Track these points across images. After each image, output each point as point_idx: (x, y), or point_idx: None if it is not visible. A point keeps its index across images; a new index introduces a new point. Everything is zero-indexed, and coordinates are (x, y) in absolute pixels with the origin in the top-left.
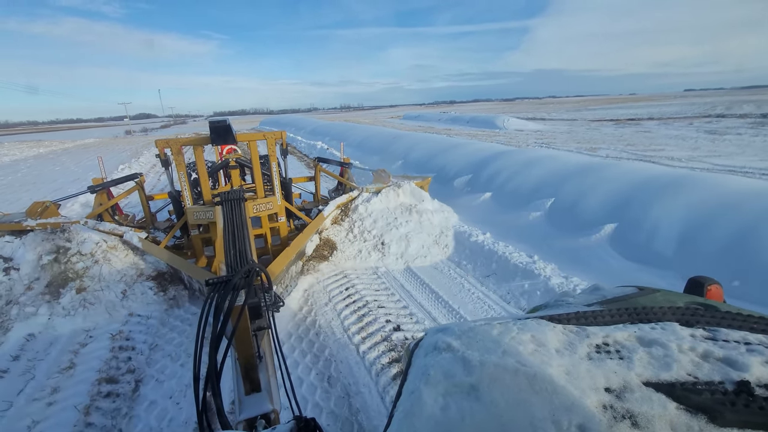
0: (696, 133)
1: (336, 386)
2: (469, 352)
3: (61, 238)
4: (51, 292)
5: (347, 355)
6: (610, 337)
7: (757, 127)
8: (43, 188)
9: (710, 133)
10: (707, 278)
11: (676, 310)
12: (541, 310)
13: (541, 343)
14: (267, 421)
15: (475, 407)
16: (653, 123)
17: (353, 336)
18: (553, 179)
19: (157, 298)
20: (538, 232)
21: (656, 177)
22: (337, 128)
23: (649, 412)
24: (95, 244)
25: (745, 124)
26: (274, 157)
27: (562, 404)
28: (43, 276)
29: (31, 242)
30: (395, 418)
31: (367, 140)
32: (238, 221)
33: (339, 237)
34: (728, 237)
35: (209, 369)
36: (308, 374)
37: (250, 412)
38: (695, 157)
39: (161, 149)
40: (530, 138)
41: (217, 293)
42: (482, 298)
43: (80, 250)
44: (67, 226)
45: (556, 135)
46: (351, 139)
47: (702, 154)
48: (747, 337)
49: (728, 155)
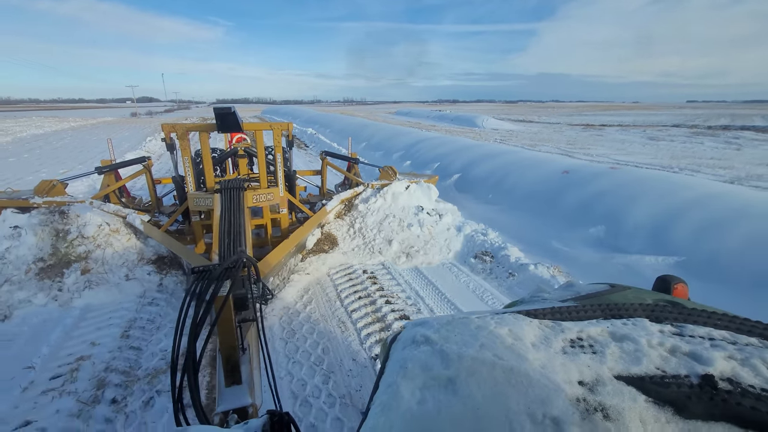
0: (638, 139)
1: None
2: (447, 346)
3: (59, 221)
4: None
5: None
6: (584, 332)
7: (692, 137)
8: (93, 150)
9: (650, 139)
10: (674, 277)
11: (646, 307)
12: (518, 305)
13: (518, 337)
14: (245, 415)
15: (452, 400)
16: (614, 129)
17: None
18: (455, 155)
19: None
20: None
21: (501, 152)
22: (327, 118)
23: (620, 405)
24: (98, 227)
25: (686, 133)
26: (279, 148)
27: (537, 397)
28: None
29: (35, 220)
30: (372, 412)
31: (346, 127)
32: (236, 210)
33: (340, 232)
34: (500, 175)
35: (186, 358)
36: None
37: (229, 405)
38: (606, 154)
39: (167, 133)
40: (495, 135)
41: (201, 281)
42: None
43: (82, 233)
44: (67, 209)
45: (520, 134)
46: (335, 126)
47: (613, 152)
48: (711, 333)
49: (630, 153)
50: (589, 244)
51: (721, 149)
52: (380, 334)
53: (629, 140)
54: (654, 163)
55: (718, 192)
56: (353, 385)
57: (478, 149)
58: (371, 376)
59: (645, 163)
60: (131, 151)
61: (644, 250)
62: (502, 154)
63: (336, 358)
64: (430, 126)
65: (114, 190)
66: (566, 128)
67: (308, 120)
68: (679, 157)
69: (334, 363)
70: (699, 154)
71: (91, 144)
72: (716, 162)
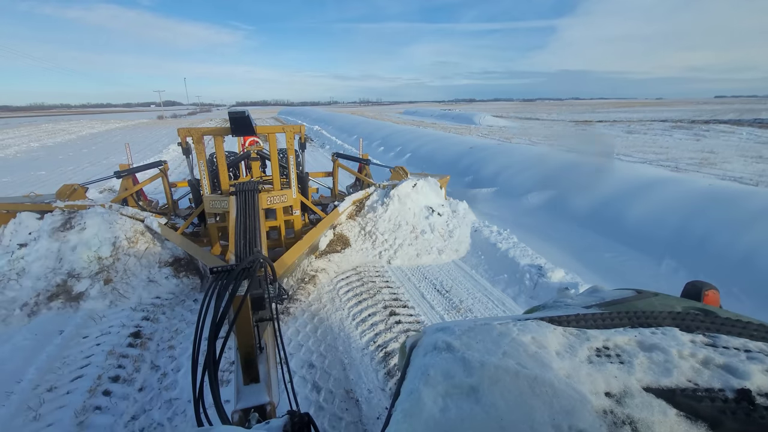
0: (617, 132)
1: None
2: (469, 353)
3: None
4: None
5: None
6: (610, 340)
7: (667, 130)
8: (143, 142)
9: (627, 132)
10: (705, 283)
11: (676, 315)
12: (540, 311)
13: (542, 345)
14: (263, 413)
15: (475, 409)
16: (603, 125)
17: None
18: (416, 141)
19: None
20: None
21: (462, 142)
22: (332, 117)
23: (650, 419)
24: (119, 229)
25: (667, 127)
26: (292, 150)
27: (562, 408)
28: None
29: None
30: (393, 419)
31: (346, 125)
32: (251, 212)
33: (353, 233)
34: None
35: (207, 356)
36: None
37: (247, 402)
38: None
39: (183, 138)
40: (482, 131)
41: (220, 282)
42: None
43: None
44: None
45: (508, 129)
46: (337, 123)
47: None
48: (747, 345)
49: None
50: (465, 185)
51: (677, 140)
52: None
53: (604, 134)
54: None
55: (536, 153)
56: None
57: (431, 137)
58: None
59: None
60: (173, 144)
61: (485, 185)
62: (445, 138)
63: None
64: (431, 123)
65: (132, 194)
66: (558, 125)
67: (316, 119)
68: (626, 146)
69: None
70: (648, 144)
71: (138, 140)
72: (649, 149)
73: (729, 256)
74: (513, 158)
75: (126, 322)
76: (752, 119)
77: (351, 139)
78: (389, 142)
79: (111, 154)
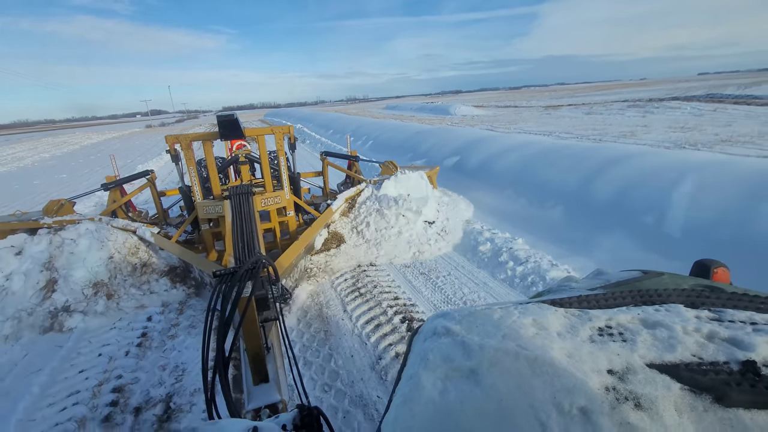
0: (574, 114)
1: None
2: (468, 337)
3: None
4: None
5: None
6: (612, 319)
7: (623, 110)
8: (140, 149)
9: (586, 113)
10: (714, 261)
11: (681, 292)
12: (544, 296)
13: (543, 326)
14: (275, 412)
15: (475, 391)
16: (568, 108)
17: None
18: (379, 131)
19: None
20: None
21: (410, 127)
22: (315, 116)
23: (653, 393)
24: (111, 243)
25: (624, 107)
26: (282, 151)
27: (563, 387)
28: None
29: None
30: (394, 403)
31: (325, 121)
32: (246, 215)
33: (346, 230)
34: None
35: (216, 357)
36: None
37: (259, 402)
38: (521, 127)
39: (171, 145)
40: (453, 120)
41: (224, 284)
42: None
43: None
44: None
45: (479, 118)
46: (318, 121)
47: (530, 125)
48: (753, 317)
49: (543, 125)
50: (407, 160)
51: (627, 117)
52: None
53: (567, 116)
54: (545, 130)
55: (468, 133)
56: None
57: (390, 126)
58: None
59: (539, 130)
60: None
61: (420, 158)
62: (402, 127)
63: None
64: (409, 117)
65: (121, 205)
66: (527, 111)
67: (299, 118)
68: (576, 126)
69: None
70: (597, 123)
71: (135, 147)
72: (592, 126)
73: (502, 175)
74: (445, 138)
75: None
76: (705, 94)
77: (328, 133)
78: (358, 132)
79: (117, 159)
